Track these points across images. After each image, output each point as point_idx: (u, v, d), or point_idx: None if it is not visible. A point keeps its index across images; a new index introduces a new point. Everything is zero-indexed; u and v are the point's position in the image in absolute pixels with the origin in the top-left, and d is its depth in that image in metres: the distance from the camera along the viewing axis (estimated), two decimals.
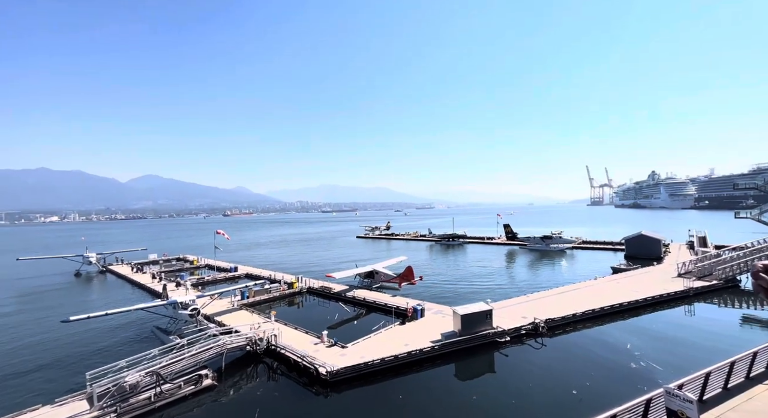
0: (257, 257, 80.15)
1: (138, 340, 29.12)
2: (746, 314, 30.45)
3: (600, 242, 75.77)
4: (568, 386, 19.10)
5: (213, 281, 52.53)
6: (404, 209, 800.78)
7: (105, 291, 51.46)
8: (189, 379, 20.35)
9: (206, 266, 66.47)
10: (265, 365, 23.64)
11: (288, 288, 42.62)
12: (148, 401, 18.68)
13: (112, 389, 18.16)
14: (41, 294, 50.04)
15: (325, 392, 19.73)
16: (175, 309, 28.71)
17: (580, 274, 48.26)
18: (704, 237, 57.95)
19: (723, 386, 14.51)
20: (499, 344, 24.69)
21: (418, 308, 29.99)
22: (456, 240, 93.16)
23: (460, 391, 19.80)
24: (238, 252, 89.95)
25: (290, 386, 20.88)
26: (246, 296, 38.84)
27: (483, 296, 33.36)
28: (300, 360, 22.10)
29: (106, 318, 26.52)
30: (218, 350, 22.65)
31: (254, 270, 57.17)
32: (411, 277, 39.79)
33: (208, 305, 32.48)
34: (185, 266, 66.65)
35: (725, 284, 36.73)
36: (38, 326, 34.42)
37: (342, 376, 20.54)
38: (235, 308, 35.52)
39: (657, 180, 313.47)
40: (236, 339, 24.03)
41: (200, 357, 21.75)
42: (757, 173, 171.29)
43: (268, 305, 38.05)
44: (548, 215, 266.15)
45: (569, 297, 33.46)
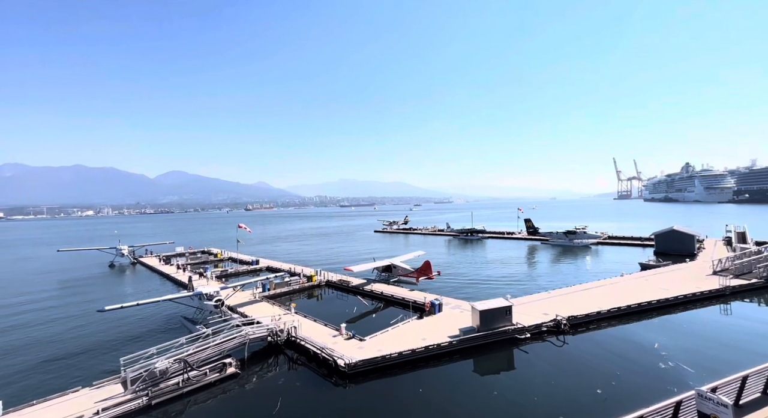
0: (278, 251, 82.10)
1: (167, 329, 30.57)
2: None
3: (627, 238, 72.63)
4: (592, 386, 18.52)
5: (236, 273, 54.23)
6: (423, 203, 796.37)
7: (136, 282, 54.21)
8: (214, 367, 21.19)
9: (229, 258, 68.69)
10: (285, 355, 24.27)
11: (307, 281, 43.43)
12: (176, 387, 19.60)
13: (144, 374, 19.19)
14: (79, 284, 53.35)
15: (343, 384, 20.05)
16: (200, 300, 29.88)
17: (605, 270, 46.52)
18: (743, 232, 54.44)
19: (762, 390, 13.65)
20: (519, 341, 24.24)
21: (436, 303, 29.85)
22: (475, 235, 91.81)
23: (479, 387, 19.62)
24: (259, 245, 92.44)
25: (310, 377, 21.35)
26: (267, 288, 39.91)
27: (502, 292, 32.79)
28: (319, 352, 22.52)
29: (137, 308, 27.92)
30: (241, 340, 23.43)
31: (275, 263, 58.57)
32: (429, 271, 39.59)
33: (231, 296, 33.59)
34: (209, 259, 69.19)
35: (766, 282, 34.42)
36: (77, 314, 36.74)
37: (360, 368, 20.80)
38: (257, 300, 36.58)
39: (691, 172, 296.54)
40: (258, 330, 24.77)
41: (224, 346, 22.58)
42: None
43: (288, 298, 38.95)
44: (572, 209, 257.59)
45: (593, 294, 32.35)
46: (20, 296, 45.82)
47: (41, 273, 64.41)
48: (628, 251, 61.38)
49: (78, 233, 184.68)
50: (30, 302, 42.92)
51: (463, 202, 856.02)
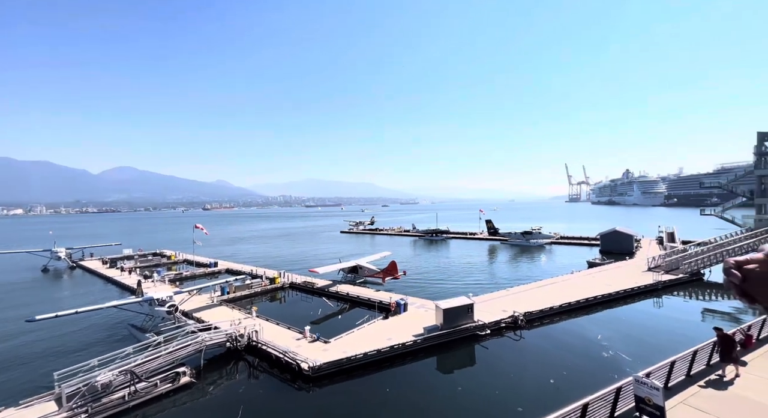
0: (238, 252, 78.52)
1: (111, 339, 28.03)
2: (709, 306, 32.36)
3: (577, 238, 78.38)
4: (546, 376, 19.75)
5: (191, 276, 51.13)
6: (389, 204, 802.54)
7: (75, 288, 49.21)
8: (166, 377, 19.78)
9: (185, 261, 64.55)
10: (245, 361, 23.28)
11: (270, 283, 42.00)
12: (121, 401, 18.05)
13: (83, 388, 17.44)
14: (4, 292, 47.30)
15: (307, 388, 19.63)
16: (151, 306, 27.78)
17: (557, 268, 49.81)
18: (672, 233, 60.87)
19: (686, 373, 15.36)
20: (480, 337, 25.22)
21: (402, 303, 30.20)
22: (439, 235, 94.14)
23: (443, 383, 20.16)
24: (218, 247, 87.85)
25: (272, 382, 20.66)
26: (226, 291, 38.03)
27: (465, 291, 33.94)
28: (282, 356, 21.87)
29: (76, 317, 25.36)
30: (197, 347, 22.11)
31: (235, 265, 55.99)
32: (395, 272, 39.97)
33: (186, 301, 31.60)
34: (162, 262, 64.50)
35: (690, 277, 38.80)
36: (2, 326, 32.56)
37: (324, 371, 20.48)
38: (215, 304, 34.74)
39: (630, 178, 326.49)
40: (216, 336, 23.52)
41: (178, 354, 21.17)
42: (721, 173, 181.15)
43: (250, 301, 37.40)
44: (529, 210, 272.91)
45: (547, 291, 34.51)
46: None
47: None
48: (577, 250, 66.22)
49: (4, 234, 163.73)
50: None
51: (428, 204, 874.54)
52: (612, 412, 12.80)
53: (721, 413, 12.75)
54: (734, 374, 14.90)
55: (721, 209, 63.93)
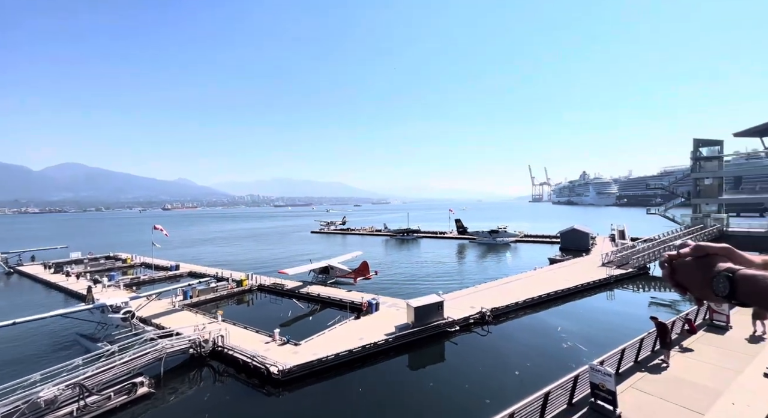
0: (203, 254, 74.81)
1: (57, 351, 25.68)
2: (654, 297, 35.49)
3: (539, 236, 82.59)
4: (512, 368, 20.69)
5: (150, 280, 48.03)
6: (361, 203, 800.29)
7: (13, 296, 44.59)
8: (121, 388, 18.46)
9: (142, 264, 60.50)
10: (210, 368, 22.27)
11: (237, 286, 40.44)
12: (69, 417, 16.64)
13: (23, 406, 15.85)
14: None
15: (277, 392, 19.14)
16: (103, 313, 25.77)
17: (522, 265, 52.22)
18: (623, 231, 65.84)
19: (634, 359, 16.72)
20: (450, 334, 25.88)
21: (373, 302, 30.28)
22: (410, 235, 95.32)
23: (414, 380, 20.47)
24: (180, 249, 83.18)
25: (239, 388, 19.95)
26: (189, 295, 36.12)
27: (435, 289, 34.66)
28: (250, 360, 21.14)
29: (13, 328, 22.95)
30: (156, 355, 20.83)
31: (199, 268, 53.31)
32: (366, 271, 39.98)
33: (144, 306, 29.67)
34: (116, 265, 59.98)
35: (638, 271, 42.22)
36: None
37: (295, 374, 20.07)
38: (177, 309, 32.89)
39: (587, 180, 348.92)
40: (177, 342, 22.29)
41: (134, 364, 19.83)
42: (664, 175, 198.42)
43: (215, 305, 35.81)
44: (495, 210, 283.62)
45: (512, 287, 36.09)
46: None
47: None
48: (539, 248, 69.80)
49: None
50: None
51: (399, 203, 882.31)
52: (570, 399, 13.66)
53: (664, 395, 14.03)
54: (667, 359, 16.41)
55: (664, 208, 70.16)
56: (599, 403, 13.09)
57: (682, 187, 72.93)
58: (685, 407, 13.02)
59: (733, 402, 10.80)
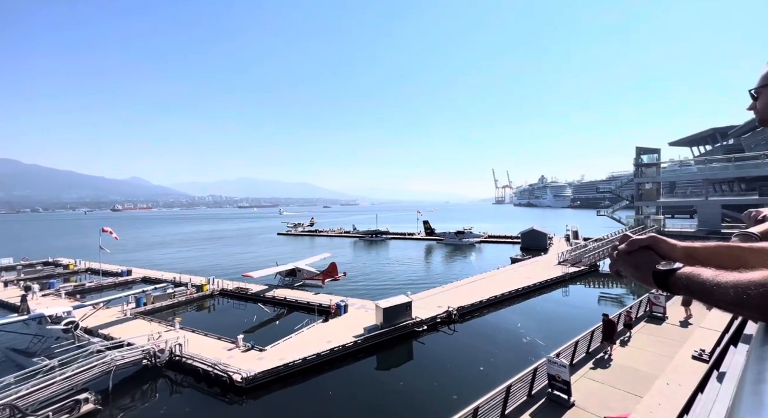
0: (159, 259, 70.04)
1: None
2: (603, 292, 38.47)
3: (502, 236, 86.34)
4: (477, 364, 21.45)
5: (98, 287, 44.19)
6: (330, 205, 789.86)
7: None
8: (61, 407, 16.77)
9: (88, 270, 55.51)
10: (166, 379, 20.90)
11: (197, 291, 38.29)
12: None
13: None
14: None
15: (240, 400, 18.37)
16: (41, 324, 23.33)
17: (486, 264, 54.29)
18: (576, 231, 70.66)
19: (586, 350, 18.01)
20: (417, 334, 26.30)
21: (342, 304, 30.03)
22: (379, 236, 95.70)
23: (383, 380, 20.57)
24: (133, 253, 77.33)
25: (199, 398, 18.91)
26: (143, 302, 33.65)
27: (404, 289, 35.07)
28: (210, 369, 20.11)
29: None
30: (104, 368, 19.18)
31: (154, 273, 49.87)
32: (334, 273, 39.57)
33: (90, 316, 27.23)
34: (57, 272, 54.50)
35: (590, 268, 45.53)
36: None
37: (260, 380, 19.38)
38: (129, 318, 30.50)
39: (545, 183, 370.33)
40: (129, 353, 20.67)
41: (78, 379, 18.12)
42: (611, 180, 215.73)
43: (172, 312, 33.70)
44: (461, 212, 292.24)
45: (477, 286, 37.41)
46: None
47: None
48: (502, 248, 72.95)
49: None
50: None
51: (368, 205, 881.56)
52: (530, 390, 14.45)
53: (611, 382, 15.29)
54: (612, 350, 17.88)
55: (611, 210, 76.34)
56: (555, 393, 13.98)
57: (627, 190, 79.75)
58: (629, 392, 14.30)
59: (667, 382, 12.02)
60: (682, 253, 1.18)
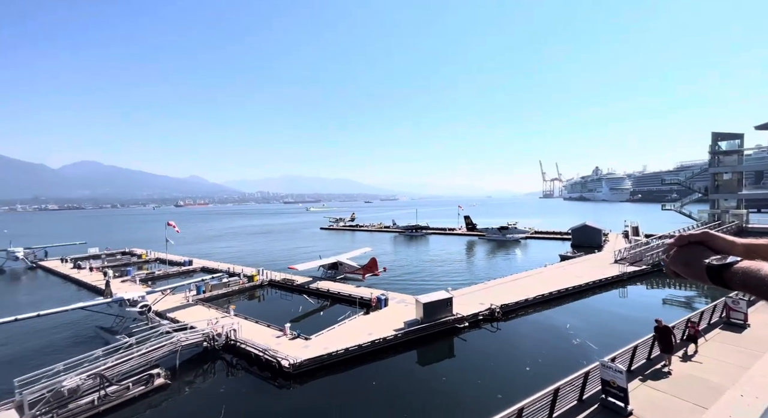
0: (215, 250, 76.24)
1: (78, 342, 26.66)
2: (669, 294, 34.78)
3: (550, 232, 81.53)
4: (522, 365, 20.68)
5: (165, 275, 49.30)
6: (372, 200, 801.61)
7: (36, 290, 46.26)
8: (139, 379, 19.11)
9: (157, 260, 61.98)
10: (223, 361, 22.85)
11: (248, 281, 41.17)
12: (91, 405, 17.32)
13: (47, 395, 16.57)
14: None
15: (288, 385, 19.56)
16: (121, 307, 26.63)
17: (532, 262, 51.72)
18: (637, 227, 64.54)
19: (647, 357, 16.52)
20: (459, 330, 25.93)
21: (382, 298, 30.50)
22: (419, 231, 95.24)
23: (424, 375, 20.63)
24: (193, 245, 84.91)
25: (251, 381, 20.43)
26: (202, 290, 36.95)
27: (444, 285, 34.69)
28: (261, 354, 21.63)
29: (38, 320, 23.91)
30: (171, 348, 21.46)
31: (211, 263, 54.42)
32: (375, 268, 40.22)
33: (159, 301, 30.50)
34: (132, 261, 61.68)
35: (652, 268, 41.40)
36: None
37: (305, 367, 20.45)
38: (191, 304, 33.71)
39: (600, 175, 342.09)
40: (191, 335, 22.90)
41: (151, 356, 20.48)
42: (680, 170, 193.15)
43: (227, 300, 36.58)
44: (505, 206, 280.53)
45: (522, 283, 35.85)
46: None
47: None
48: (550, 244, 68.93)
49: None
50: None
51: (408, 200, 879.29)
52: (581, 395, 13.62)
53: (675, 392, 13.86)
54: (669, 363, 15.86)
55: (680, 204, 68.41)
56: (610, 399, 13.02)
57: (699, 182, 70.88)
58: (697, 404, 12.85)
59: (742, 394, 10.67)
60: (743, 249, 1.10)
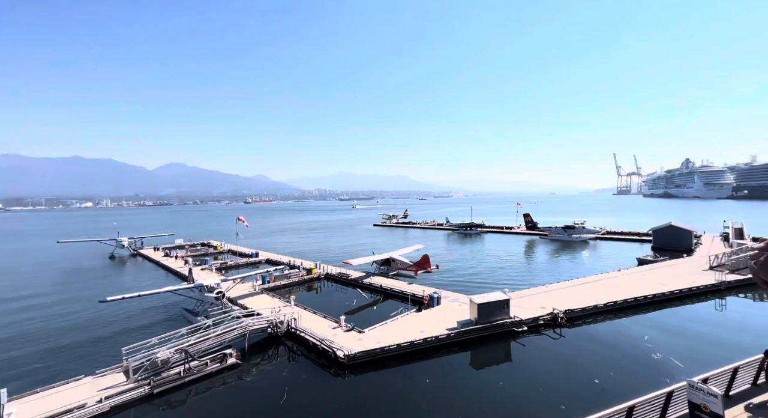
0: (277, 243, 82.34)
1: (167, 320, 30.85)
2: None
3: (626, 233, 72.97)
4: (590, 376, 18.88)
5: (235, 265, 54.53)
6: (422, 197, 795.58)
7: (137, 273, 54.46)
8: (215, 357, 21.48)
9: (229, 251, 68.93)
10: (285, 346, 24.58)
11: (307, 274, 43.71)
12: (178, 376, 19.89)
13: (146, 363, 19.46)
14: (80, 275, 53.62)
15: (343, 374, 20.36)
16: (201, 292, 30.12)
17: (603, 265, 46.87)
18: (741, 228, 54.76)
19: (752, 382, 13.91)
20: (516, 334, 24.55)
21: (435, 296, 30.13)
22: (474, 229, 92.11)
23: (479, 378, 19.95)
24: (259, 238, 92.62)
25: (309, 368, 21.65)
26: (267, 280, 40.16)
27: (500, 286, 33.08)
28: (319, 343, 22.81)
29: (138, 299, 28.15)
30: (241, 331, 23.70)
31: (274, 256, 58.82)
32: (427, 265, 39.84)
33: (231, 288, 33.83)
34: (209, 251, 69.44)
35: None
36: (79, 304, 37.00)
37: (359, 359, 21.10)
38: (257, 292, 36.85)
39: (691, 168, 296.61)
40: (258, 321, 25.03)
41: (225, 337, 22.85)
42: None
43: (288, 290, 39.24)
44: (571, 204, 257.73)
45: (591, 288, 32.67)
46: (22, 288, 46.03)
47: (42, 264, 64.60)
48: (625, 246, 61.72)
49: (77, 225, 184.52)
50: (33, 294, 43.09)
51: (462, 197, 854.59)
52: (662, 417, 11.97)
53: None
54: None
55: None
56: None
57: None
58: None
59: None
60: None
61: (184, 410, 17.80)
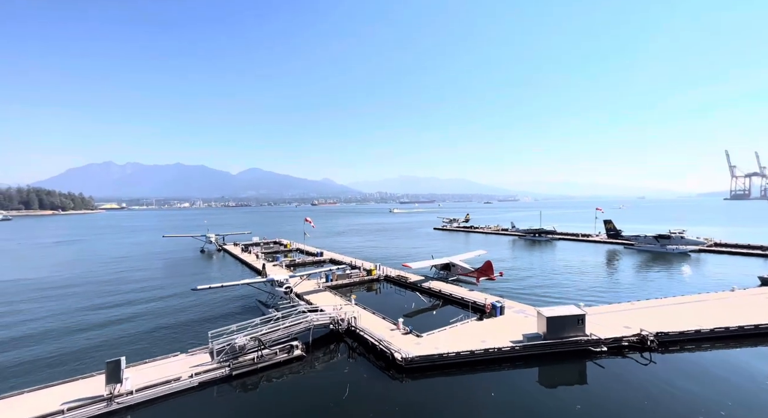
0: (340, 244, 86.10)
1: (244, 309, 34.27)
2: None
3: (743, 246, 60.51)
4: (689, 413, 16.01)
5: (302, 263, 58.36)
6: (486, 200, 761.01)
7: (221, 266, 61.65)
8: (283, 347, 23.17)
9: (297, 249, 74.15)
10: (345, 343, 25.46)
11: (367, 275, 44.84)
12: (252, 362, 21.90)
13: (227, 347, 21.82)
14: (178, 265, 62.63)
15: (400, 377, 20.32)
16: (272, 286, 32.86)
17: (709, 283, 39.50)
18: None
19: None
20: (593, 354, 21.93)
21: (498, 305, 28.48)
22: (543, 235, 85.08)
23: (549, 398, 18.25)
24: (323, 238, 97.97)
25: (368, 367, 22.04)
26: (330, 279, 42.20)
27: (574, 299, 29.95)
28: (377, 343, 23.15)
29: (221, 289, 31.78)
30: (306, 325, 25.20)
31: (337, 256, 61.56)
32: (490, 272, 37.88)
33: (298, 284, 36.26)
34: (280, 249, 75.54)
35: None
36: (177, 290, 43.18)
37: (416, 364, 20.87)
38: (321, 289, 38.91)
39: None
40: (321, 317, 26.38)
41: (292, 330, 24.53)
42: None
43: (349, 289, 40.66)
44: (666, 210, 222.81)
45: (691, 309, 27.76)
46: (137, 271, 55.38)
47: (151, 254, 77.10)
48: (742, 262, 51.22)
49: (178, 222, 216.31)
50: (143, 278, 51.52)
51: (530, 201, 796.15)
52: None
53: None
54: None
55: None
56: None
57: None
58: None
59: None
60: None
61: (256, 394, 19.48)
